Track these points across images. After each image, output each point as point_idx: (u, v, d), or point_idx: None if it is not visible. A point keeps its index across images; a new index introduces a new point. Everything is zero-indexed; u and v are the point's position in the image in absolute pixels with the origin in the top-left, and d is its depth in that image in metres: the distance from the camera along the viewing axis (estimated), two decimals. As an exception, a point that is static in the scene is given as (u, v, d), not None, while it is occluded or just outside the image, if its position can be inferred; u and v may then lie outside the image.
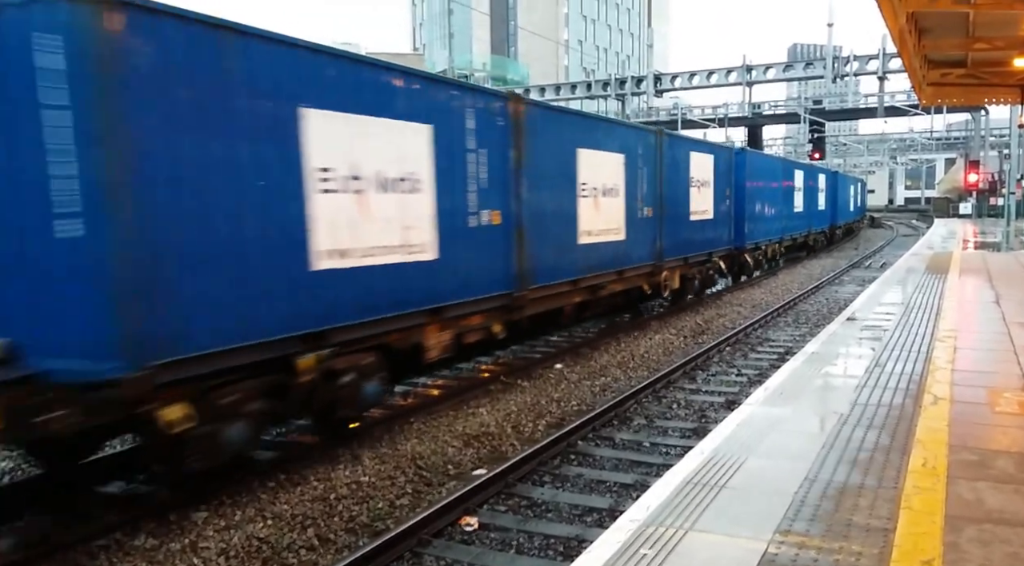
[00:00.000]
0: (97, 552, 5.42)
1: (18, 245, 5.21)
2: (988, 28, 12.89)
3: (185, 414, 5.60)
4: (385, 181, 7.51)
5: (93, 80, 4.98)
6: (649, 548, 3.65)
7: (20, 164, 5.13)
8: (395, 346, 7.93)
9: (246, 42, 6.10)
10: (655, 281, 14.69)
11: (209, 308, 5.75)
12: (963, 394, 6.33)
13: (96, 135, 5.02)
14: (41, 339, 5.13)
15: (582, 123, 12.46)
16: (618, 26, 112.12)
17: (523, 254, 10.01)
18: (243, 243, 6.05)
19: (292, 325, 6.47)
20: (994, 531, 3.73)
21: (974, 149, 45.49)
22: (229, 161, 5.96)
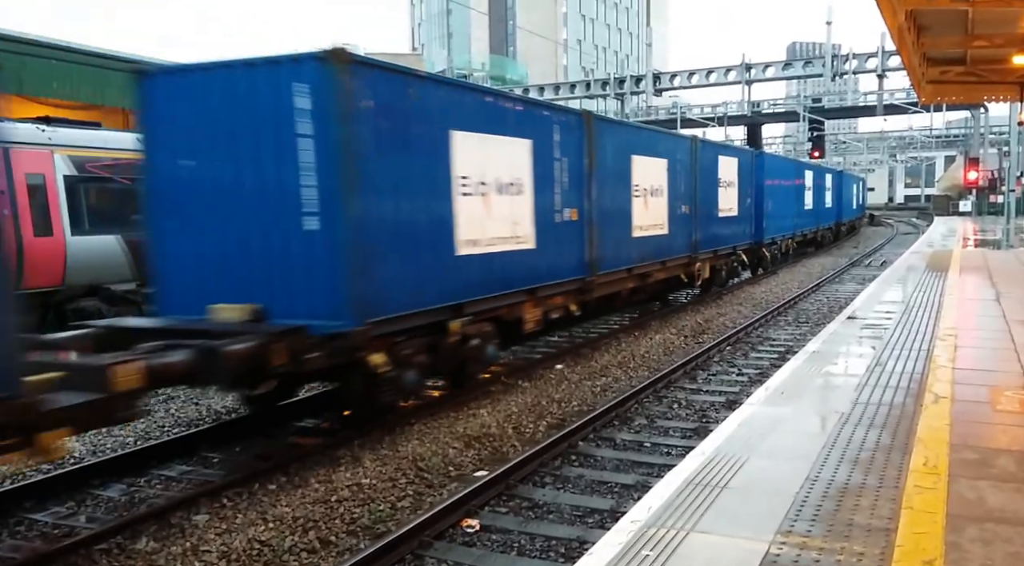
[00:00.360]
0: (98, 556, 5.42)
1: (282, 237, 7.29)
2: (987, 25, 12.88)
3: (384, 360, 7.57)
4: (501, 185, 9.63)
5: (329, 116, 6.99)
6: (651, 549, 3.64)
7: (283, 177, 7.17)
8: (504, 318, 9.97)
9: (420, 83, 8.33)
10: (690, 270, 16.81)
11: (399, 283, 7.86)
12: (964, 393, 6.33)
13: (329, 155, 7.03)
14: (300, 304, 7.17)
15: (636, 133, 15.00)
16: (617, 25, 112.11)
17: (593, 245, 12.04)
18: (418, 235, 8.18)
19: (444, 298, 8.59)
20: (996, 530, 3.73)
21: (974, 147, 45.47)
22: (411, 172, 8.05)
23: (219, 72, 7.60)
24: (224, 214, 7.51)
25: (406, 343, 8.08)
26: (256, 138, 7.31)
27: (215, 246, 7.57)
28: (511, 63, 78.62)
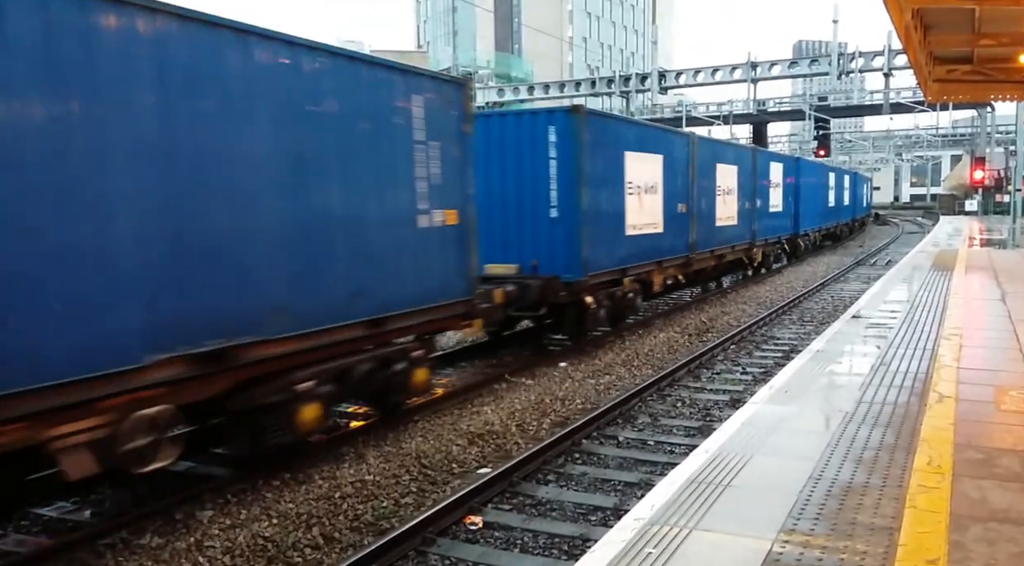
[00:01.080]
0: (103, 551, 5.44)
1: (541, 222, 11.56)
2: (994, 24, 12.82)
3: (592, 301, 11.87)
4: (647, 187, 14.01)
5: (567, 146, 11.35)
6: (653, 547, 3.65)
7: (538, 183, 11.49)
8: (644, 281, 14.12)
9: (613, 122, 14.20)
10: (749, 255, 21.24)
11: (599, 252, 12.11)
12: (969, 392, 6.31)
13: (565, 170, 11.38)
14: (554, 263, 11.42)
15: (719, 145, 20.64)
16: (622, 23, 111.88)
17: (693, 231, 16.34)
18: (608, 221, 12.65)
19: (618, 264, 12.93)
20: (999, 530, 3.72)
21: (980, 146, 45.27)
22: (606, 180, 12.52)
23: (509, 117, 12.50)
24: (503, 206, 11.49)
25: (600, 291, 12.30)
26: (524, 159, 11.59)
27: (497, 227, 11.33)
28: (516, 61, 78.49)
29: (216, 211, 5.86)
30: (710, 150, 18.14)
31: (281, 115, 6.40)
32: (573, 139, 11.35)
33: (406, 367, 7.97)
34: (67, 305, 4.84)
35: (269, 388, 6.42)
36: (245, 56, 6.05)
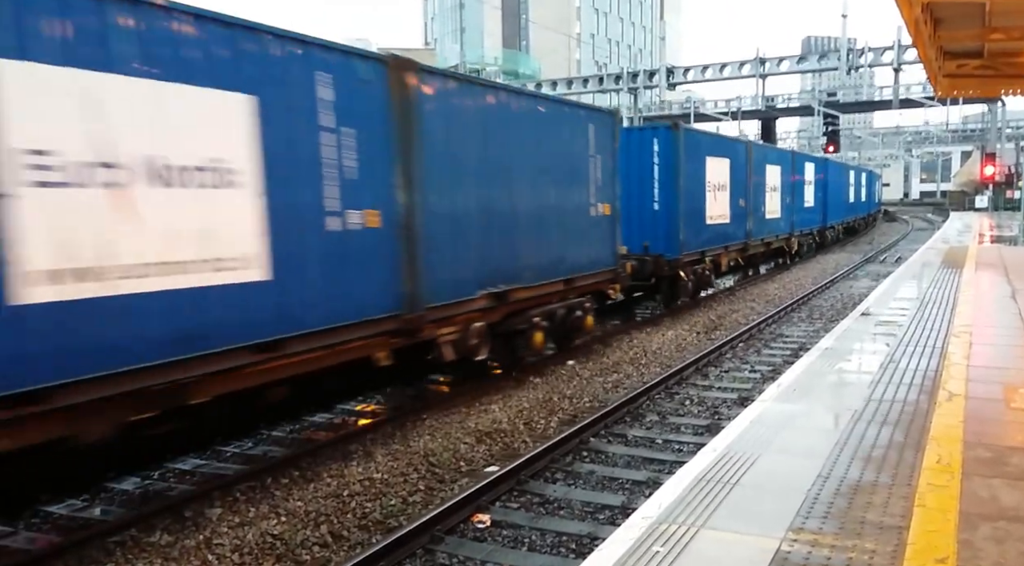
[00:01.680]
0: (113, 548, 5.47)
1: (647, 213, 14.96)
2: (1005, 18, 12.73)
3: (683, 275, 15.53)
4: (719, 186, 17.75)
5: (668, 153, 15.18)
6: (661, 545, 3.64)
7: (645, 183, 15.00)
8: (715, 261, 17.78)
9: (700, 134, 18.62)
10: (788, 244, 24.98)
11: (689, 236, 15.63)
12: (978, 390, 6.28)
13: (665, 173, 15.11)
14: (658, 244, 14.83)
15: (768, 149, 26.40)
16: (630, 19, 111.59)
17: (749, 222, 20.19)
18: (695, 213, 16.27)
19: (700, 247, 16.54)
20: (1009, 529, 3.70)
21: (990, 141, 45.02)
22: (692, 179, 16.04)
23: (633, 132, 16.84)
24: (627, 201, 13.62)
25: (689, 268, 15.88)
26: (633, 164, 14.64)
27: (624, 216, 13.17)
28: (524, 57, 78.42)
29: (505, 205, 9.58)
30: (762, 153, 22.53)
31: (533, 142, 10.13)
32: (671, 149, 15.19)
33: (581, 314, 11.44)
34: (459, 261, 8.71)
35: (520, 319, 10.03)
36: (527, 108, 10.27)
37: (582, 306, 11.44)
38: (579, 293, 11.50)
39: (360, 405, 9.18)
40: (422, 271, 7.89)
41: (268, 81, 6.20)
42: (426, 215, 7.93)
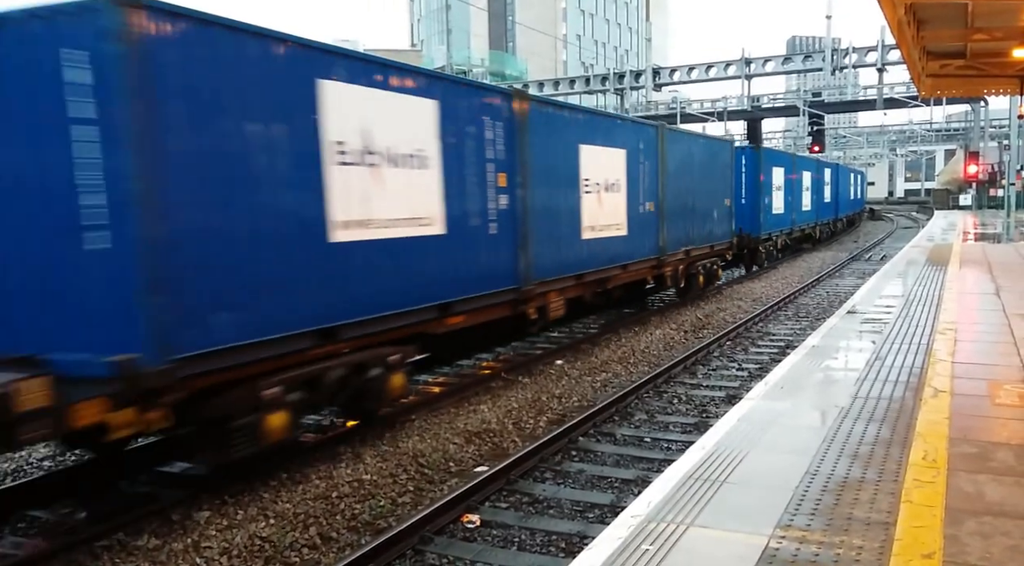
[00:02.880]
0: (100, 552, 5.43)
1: (739, 205, 20.98)
2: (987, 18, 12.86)
3: (762, 247, 23.59)
4: (777, 187, 25.11)
5: (751, 166, 23.00)
6: (650, 544, 3.65)
7: (738, 189, 21.28)
8: (775, 240, 24.72)
9: (770, 151, 29.28)
10: (812, 231, 31.70)
11: (764, 221, 23.37)
12: (963, 387, 6.33)
13: (749, 179, 22.74)
14: (746, 227, 22.02)
15: (801, 158, 31.13)
16: (616, 20, 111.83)
17: (793, 214, 27.26)
18: (767, 205, 23.85)
19: (769, 229, 23.94)
20: (994, 524, 3.74)
21: (974, 140, 45.40)
22: (764, 184, 23.43)
23: (714, 143, 19.84)
24: None
25: (763, 243, 23.13)
26: (704, 165, 17.71)
27: None
28: (510, 59, 78.46)
29: (689, 202, 16.26)
30: (801, 161, 29.99)
31: (698, 163, 17.04)
32: (753, 161, 22.99)
33: (712, 267, 18.07)
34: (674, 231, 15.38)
35: (693, 267, 16.64)
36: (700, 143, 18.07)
37: (713, 264, 18.32)
38: (715, 254, 18.35)
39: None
40: (667, 234, 14.98)
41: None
42: (668, 208, 15.05)
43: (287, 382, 6.51)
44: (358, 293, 7.22)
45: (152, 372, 5.25)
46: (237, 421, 6.07)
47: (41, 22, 5.23)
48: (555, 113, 11.28)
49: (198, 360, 5.62)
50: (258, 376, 6.25)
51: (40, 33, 5.22)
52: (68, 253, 5.31)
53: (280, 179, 6.42)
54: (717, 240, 18.15)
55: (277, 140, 6.38)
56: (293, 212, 6.54)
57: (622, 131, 13.47)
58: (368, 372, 7.50)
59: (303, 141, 6.64)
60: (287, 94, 6.47)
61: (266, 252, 6.27)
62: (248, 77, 6.09)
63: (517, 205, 9.94)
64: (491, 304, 9.55)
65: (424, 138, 8.20)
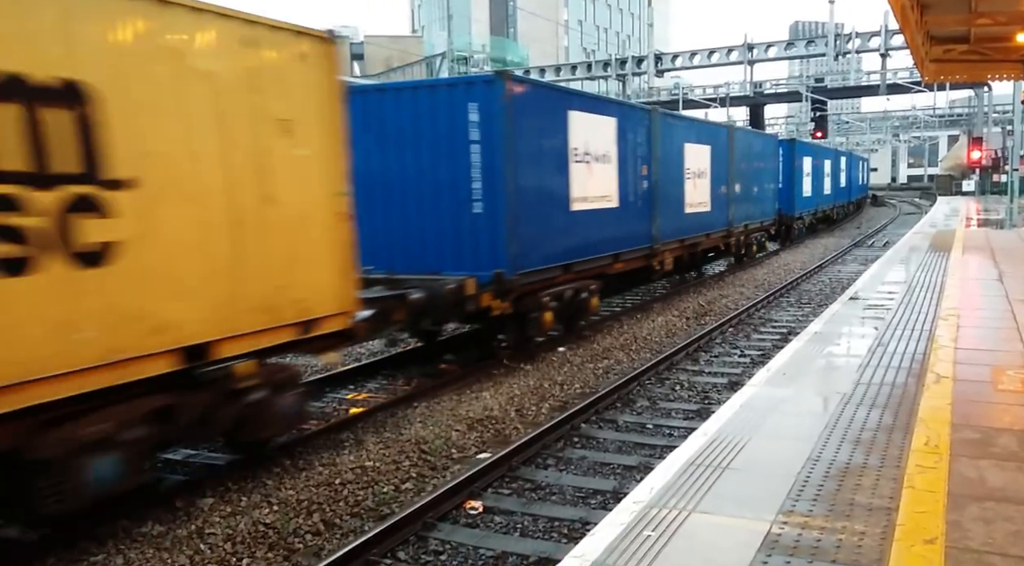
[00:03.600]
0: (105, 539, 5.46)
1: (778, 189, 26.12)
2: (990, 3, 12.76)
3: (794, 225, 28.32)
4: (807, 173, 29.93)
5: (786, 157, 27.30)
6: (652, 530, 3.66)
7: (774, 175, 25.49)
8: (805, 219, 30.46)
9: (803, 143, 32.39)
10: (831, 212, 36.46)
11: (796, 203, 28.07)
12: (966, 373, 6.33)
13: (786, 168, 27.14)
14: (783, 207, 26.28)
15: (824, 149, 36.48)
16: (618, 6, 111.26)
17: (818, 197, 32.40)
18: (799, 191, 28.86)
19: (800, 209, 28.90)
20: (996, 509, 3.74)
21: (977, 126, 45.20)
22: (799, 168, 28.46)
23: (757, 138, 25.09)
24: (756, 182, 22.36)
25: (795, 221, 28.16)
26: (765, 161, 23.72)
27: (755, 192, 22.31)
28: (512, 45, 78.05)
29: (746, 185, 21.13)
30: (823, 151, 35.15)
31: (752, 157, 21.84)
32: (788, 151, 27.27)
33: (761, 239, 22.92)
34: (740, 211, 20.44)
35: (747, 238, 21.39)
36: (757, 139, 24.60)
37: (763, 236, 23.27)
38: (763, 229, 23.09)
39: (351, 393, 9.18)
40: (734, 211, 19.57)
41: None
42: (735, 191, 19.67)
43: (551, 295, 10.69)
44: (581, 243, 11.60)
45: (509, 279, 9.73)
46: (530, 315, 10.38)
47: (463, 86, 9.95)
48: (672, 121, 15.99)
49: (523, 275, 10.04)
50: (539, 289, 10.50)
51: (460, 92, 9.75)
52: (464, 216, 9.80)
53: (552, 171, 10.84)
54: (766, 217, 23.31)
55: (550, 147, 10.77)
56: (557, 192, 10.98)
57: (708, 131, 18.39)
58: (581, 294, 11.61)
59: (561, 148, 11.04)
60: (555, 120, 10.93)
61: (547, 217, 10.67)
62: (543, 110, 10.66)
63: (651, 188, 14.23)
64: (636, 256, 13.81)
65: (608, 143, 12.49)
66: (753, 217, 21.78)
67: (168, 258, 5.41)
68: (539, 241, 10.41)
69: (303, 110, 6.46)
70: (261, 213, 6.09)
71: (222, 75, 5.77)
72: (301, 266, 6.46)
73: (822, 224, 34.70)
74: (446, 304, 9.13)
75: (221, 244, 5.79)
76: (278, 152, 6.22)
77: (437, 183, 9.86)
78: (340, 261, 6.88)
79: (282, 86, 6.26)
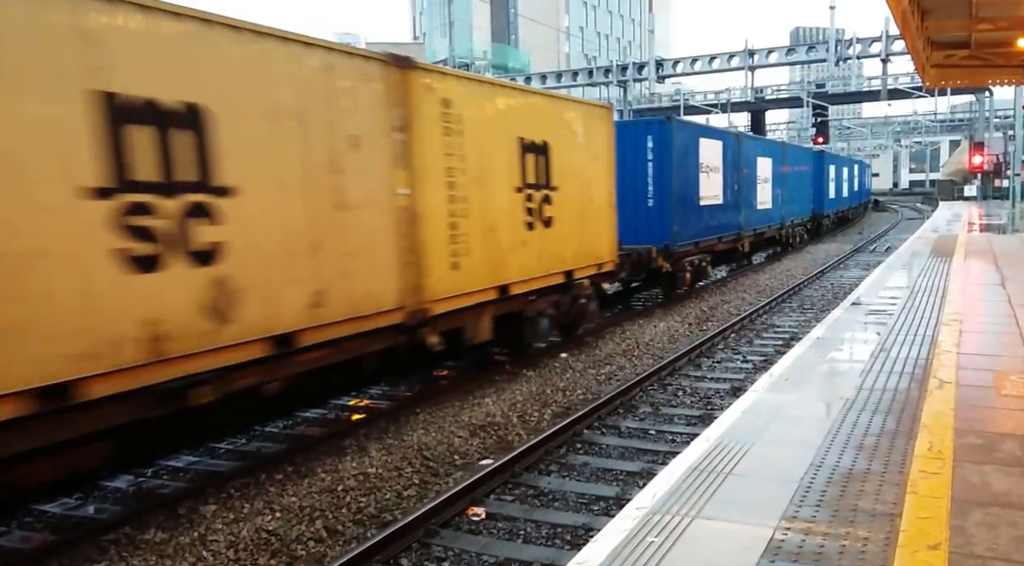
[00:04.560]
0: (107, 546, 5.46)
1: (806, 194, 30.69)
2: (991, 8, 12.78)
3: (826, 220, 34.72)
4: (832, 179, 35.72)
5: (816, 167, 32.90)
6: (655, 536, 3.66)
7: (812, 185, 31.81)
8: (833, 215, 36.90)
9: (829, 155, 38.16)
10: (847, 212, 41.88)
11: (826, 204, 34.01)
12: (969, 378, 6.32)
13: (816, 174, 32.81)
14: (816, 206, 31.65)
15: (842, 158, 43.15)
16: (619, 12, 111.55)
17: (838, 200, 38.07)
18: (831, 194, 35.67)
19: (828, 208, 34.58)
20: (1000, 515, 3.73)
21: (978, 131, 45.19)
22: (828, 176, 35.34)
23: (810, 152, 33.07)
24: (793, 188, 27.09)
25: (825, 219, 34.02)
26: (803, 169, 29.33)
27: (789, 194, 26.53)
28: (513, 51, 78.28)
29: (793, 188, 26.81)
30: (842, 160, 40.85)
31: (794, 163, 27.16)
32: (819, 162, 32.20)
33: (802, 233, 28.75)
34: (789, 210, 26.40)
35: (790, 232, 26.61)
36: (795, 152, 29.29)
37: (803, 230, 28.26)
38: (802, 224, 28.34)
39: (353, 400, 9.18)
40: (785, 210, 25.28)
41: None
42: (785, 193, 25.11)
43: (688, 261, 16.29)
44: (703, 228, 17.14)
45: (671, 249, 15.19)
46: (678, 273, 15.89)
47: (643, 125, 16.14)
48: (749, 141, 22.20)
49: (678, 247, 15.49)
50: (683, 257, 15.97)
51: (641, 129, 15.62)
52: (642, 207, 15.18)
53: (691, 179, 16.35)
54: (804, 215, 29.14)
55: (690, 162, 16.27)
56: (692, 192, 16.47)
57: (770, 146, 25.06)
58: (702, 263, 17.17)
59: (694, 163, 16.57)
60: (692, 144, 16.51)
61: (688, 209, 16.11)
62: (686, 139, 16.16)
63: (738, 190, 19.69)
64: (730, 239, 19.29)
65: (717, 159, 18.04)
66: (796, 214, 27.48)
67: (564, 228, 10.69)
68: (684, 225, 15.99)
69: (603, 146, 11.88)
70: (587, 207, 11.38)
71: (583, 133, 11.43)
72: (599, 234, 11.81)
73: (838, 224, 40.09)
74: (643, 261, 14.63)
75: (576, 223, 11.04)
76: (596, 173, 11.70)
77: (632, 187, 14.88)
78: (611, 232, 12.28)
79: (597, 133, 11.70)
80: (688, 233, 16.09)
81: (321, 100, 6.69)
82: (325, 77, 6.75)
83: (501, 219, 9.20)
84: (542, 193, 9.97)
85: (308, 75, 6.56)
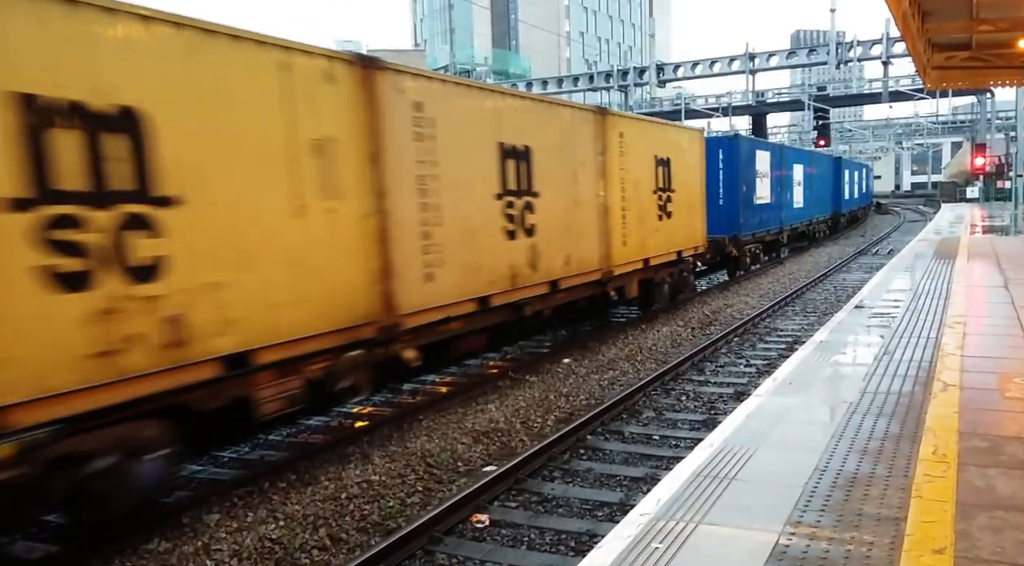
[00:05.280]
0: (111, 556, 5.45)
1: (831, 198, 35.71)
2: (992, 9, 12.78)
3: (842, 218, 38.40)
4: (848, 182, 39.60)
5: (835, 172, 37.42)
6: (660, 542, 3.65)
7: (830, 186, 35.36)
8: (848, 214, 40.58)
9: (845, 159, 43.95)
10: (858, 212, 45.52)
11: (842, 203, 37.76)
12: (973, 380, 6.30)
13: (836, 178, 37.16)
14: (835, 206, 36.20)
15: (854, 163, 46.88)
16: (619, 17, 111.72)
17: (850, 200, 41.20)
18: (842, 193, 37.96)
19: (843, 208, 38.48)
20: (1005, 518, 3.72)
21: (980, 132, 45.16)
22: (844, 179, 39.03)
23: (814, 156, 32.99)
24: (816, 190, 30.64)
25: (842, 216, 38.02)
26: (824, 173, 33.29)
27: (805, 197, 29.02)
28: (514, 57, 78.39)
29: (819, 190, 31.20)
30: (854, 165, 43.93)
31: (820, 168, 31.74)
32: (838, 165, 36.30)
33: (825, 229, 32.95)
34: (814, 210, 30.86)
35: (814, 228, 30.61)
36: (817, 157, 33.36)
37: (825, 227, 32.80)
38: (824, 221, 32.17)
39: (356, 408, 9.17)
40: (812, 209, 29.70)
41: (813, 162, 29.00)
42: (813, 194, 29.46)
43: (748, 249, 20.78)
44: (758, 222, 21.49)
45: (738, 238, 19.88)
46: (743, 258, 20.41)
47: (716, 141, 20.38)
48: (787, 150, 26.87)
49: (743, 237, 20.24)
50: (745, 245, 20.42)
51: (714, 144, 19.64)
52: (714, 205, 18.25)
53: (751, 182, 20.96)
54: (826, 214, 33.04)
55: (750, 169, 20.99)
56: (751, 193, 20.92)
57: (802, 154, 29.39)
58: (756, 251, 21.43)
59: (751, 170, 21.09)
60: (751, 155, 21.24)
61: (748, 206, 20.69)
62: (747, 151, 20.99)
63: (779, 191, 23.89)
64: (773, 232, 23.41)
65: (767, 166, 22.22)
66: (821, 213, 31.44)
67: (677, 220, 14.86)
68: (747, 219, 20.25)
69: (696, 160, 16.12)
70: (691, 204, 15.57)
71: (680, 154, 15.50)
72: (696, 225, 15.86)
73: (851, 222, 43.20)
74: (719, 247, 18.64)
75: (684, 216, 15.19)
76: (695, 179, 15.94)
77: (708, 190, 17.02)
78: (703, 224, 16.24)
79: (695, 151, 16.00)
80: (749, 225, 20.68)
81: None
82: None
83: (648, 211, 13.72)
84: (667, 194, 14.45)
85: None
